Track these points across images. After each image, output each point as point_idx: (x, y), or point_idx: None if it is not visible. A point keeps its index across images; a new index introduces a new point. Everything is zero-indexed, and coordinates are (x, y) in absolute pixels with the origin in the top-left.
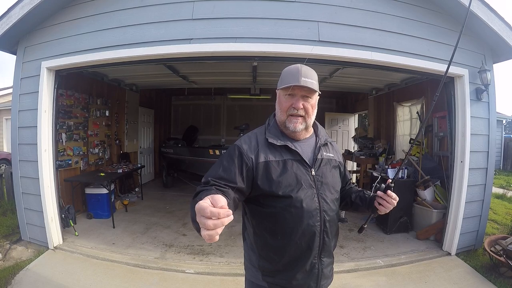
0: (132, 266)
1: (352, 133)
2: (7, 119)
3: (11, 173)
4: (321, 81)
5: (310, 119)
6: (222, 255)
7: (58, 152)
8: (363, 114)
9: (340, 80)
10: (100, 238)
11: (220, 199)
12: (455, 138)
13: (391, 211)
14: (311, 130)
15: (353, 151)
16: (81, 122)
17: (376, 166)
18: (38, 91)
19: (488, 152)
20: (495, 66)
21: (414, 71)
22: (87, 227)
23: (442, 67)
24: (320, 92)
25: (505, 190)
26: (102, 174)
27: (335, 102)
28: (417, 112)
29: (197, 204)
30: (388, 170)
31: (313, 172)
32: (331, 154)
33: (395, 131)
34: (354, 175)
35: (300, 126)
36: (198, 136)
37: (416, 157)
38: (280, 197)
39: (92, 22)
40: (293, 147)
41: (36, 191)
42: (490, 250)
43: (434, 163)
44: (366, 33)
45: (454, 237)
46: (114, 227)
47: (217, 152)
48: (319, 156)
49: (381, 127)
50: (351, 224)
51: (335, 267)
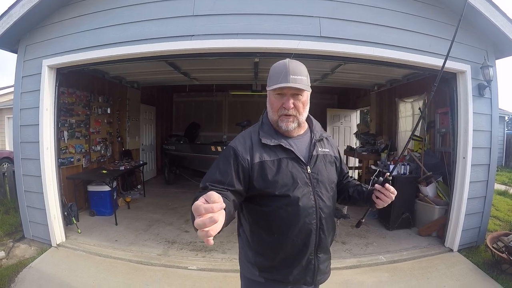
0: (135, 263)
1: (354, 129)
2: (8, 117)
3: (14, 171)
4: (322, 77)
5: (302, 117)
6: (224, 251)
7: (60, 150)
8: (365, 110)
9: (342, 76)
10: (103, 235)
11: (213, 195)
12: (457, 134)
13: (392, 207)
14: (306, 126)
15: (355, 147)
16: (82, 119)
17: (378, 162)
18: (39, 89)
19: (490, 148)
20: (497, 62)
21: (416, 66)
22: (89, 224)
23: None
24: (310, 90)
25: (507, 187)
26: (104, 172)
27: (337, 98)
28: (419, 108)
29: (192, 206)
30: (390, 166)
31: (308, 170)
32: (326, 149)
33: (397, 127)
34: (356, 171)
35: (292, 125)
36: (200, 132)
37: (419, 153)
38: (277, 196)
39: (93, 19)
40: (287, 146)
41: (38, 189)
42: (492, 247)
43: (436, 159)
44: (367, 28)
45: (456, 233)
46: (116, 224)
47: (219, 149)
48: (314, 152)
49: (383, 123)
50: (353, 220)
51: (338, 263)
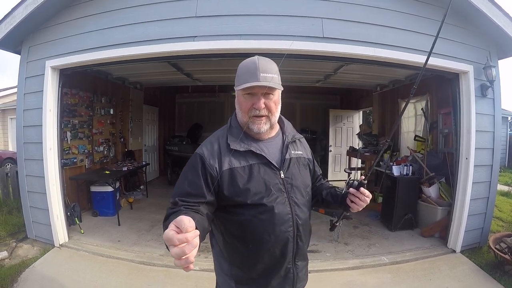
0: (137, 263)
1: (357, 130)
2: (11, 118)
3: (17, 171)
4: (325, 77)
5: (274, 117)
6: None
7: (63, 151)
8: (368, 111)
9: (345, 77)
10: (105, 236)
11: (184, 220)
12: (460, 135)
13: (395, 207)
14: (277, 128)
15: (357, 148)
16: (85, 120)
17: (380, 163)
18: (42, 90)
19: (493, 149)
20: (500, 62)
21: (418, 67)
22: (92, 224)
23: (446, 63)
24: (282, 88)
25: (510, 188)
26: (107, 172)
27: (340, 99)
28: (422, 109)
29: (163, 234)
30: (393, 167)
31: (282, 175)
32: (299, 152)
33: (400, 127)
34: (359, 172)
35: (264, 126)
36: (202, 133)
37: (421, 153)
38: (249, 205)
39: (97, 20)
40: (258, 151)
41: (41, 189)
42: (495, 248)
43: (439, 160)
44: (369, 29)
45: (459, 234)
46: (119, 225)
47: None
48: (287, 156)
49: (385, 123)
50: (356, 221)
51: (340, 264)
